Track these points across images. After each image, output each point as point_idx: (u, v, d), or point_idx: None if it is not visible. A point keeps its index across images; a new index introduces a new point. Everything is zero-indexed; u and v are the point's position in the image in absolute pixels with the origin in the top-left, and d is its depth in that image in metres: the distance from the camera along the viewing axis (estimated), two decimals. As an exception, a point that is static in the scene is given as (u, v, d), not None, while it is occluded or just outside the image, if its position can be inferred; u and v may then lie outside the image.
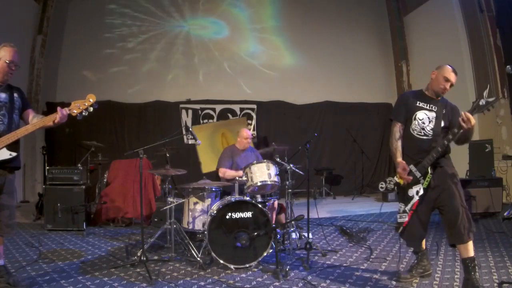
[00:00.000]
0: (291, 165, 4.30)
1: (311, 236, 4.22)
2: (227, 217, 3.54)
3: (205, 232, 3.52)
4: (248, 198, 3.74)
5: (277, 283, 3.07)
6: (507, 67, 2.84)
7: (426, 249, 3.12)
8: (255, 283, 3.11)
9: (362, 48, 9.77)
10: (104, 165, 6.42)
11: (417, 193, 2.81)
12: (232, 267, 3.42)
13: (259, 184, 3.80)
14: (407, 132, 2.95)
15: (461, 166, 2.96)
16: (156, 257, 3.85)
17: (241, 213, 3.57)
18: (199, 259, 3.51)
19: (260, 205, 3.63)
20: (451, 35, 7.93)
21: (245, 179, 3.88)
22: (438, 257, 3.60)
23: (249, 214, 3.58)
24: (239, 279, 3.21)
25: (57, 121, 2.77)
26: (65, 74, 8.41)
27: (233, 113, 8.77)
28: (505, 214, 5.21)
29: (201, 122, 8.55)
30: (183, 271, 3.41)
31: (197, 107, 8.64)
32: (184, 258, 3.79)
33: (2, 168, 2.82)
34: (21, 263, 3.64)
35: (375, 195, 8.62)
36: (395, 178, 2.93)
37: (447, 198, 2.74)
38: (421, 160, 2.80)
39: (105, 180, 6.05)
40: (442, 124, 2.86)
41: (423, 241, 3.08)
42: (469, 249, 2.69)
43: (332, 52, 9.52)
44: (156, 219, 5.32)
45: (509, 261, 3.41)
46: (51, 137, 7.86)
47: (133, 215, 5.56)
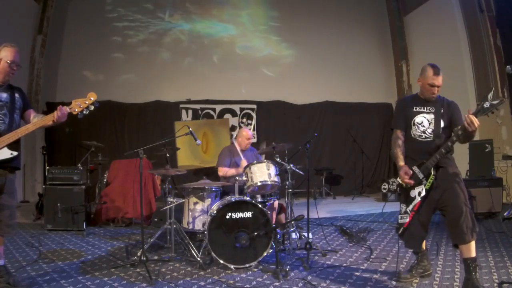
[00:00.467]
0: (291, 165, 4.30)
1: (311, 236, 4.22)
2: (227, 217, 3.54)
3: (205, 232, 3.52)
4: (248, 198, 3.74)
5: (277, 283, 3.07)
6: (507, 67, 2.84)
7: (426, 249, 3.12)
8: (255, 283, 3.11)
9: (362, 48, 9.76)
10: (104, 165, 6.42)
11: (419, 194, 2.82)
12: (232, 267, 3.42)
13: (259, 184, 3.79)
14: (409, 136, 2.98)
15: (461, 166, 2.97)
16: (156, 257, 3.85)
17: (241, 213, 3.57)
18: (199, 259, 3.51)
19: (260, 205, 3.63)
20: (451, 35, 7.93)
21: (245, 179, 3.88)
22: (438, 257, 3.60)
23: (249, 214, 3.58)
24: (239, 279, 3.21)
25: (56, 119, 2.76)
26: (65, 74, 8.42)
27: (233, 113, 8.77)
28: (505, 214, 5.20)
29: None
30: (183, 271, 3.41)
31: (197, 107, 8.64)
32: (184, 258, 3.79)
33: (2, 168, 2.82)
34: (21, 263, 3.64)
35: (375, 195, 8.62)
36: (398, 179, 2.94)
37: (450, 197, 2.74)
38: (424, 161, 2.82)
39: (105, 180, 6.05)
40: (442, 124, 2.87)
41: (423, 242, 3.08)
42: (471, 249, 2.70)
43: (332, 52, 9.52)
44: (156, 219, 5.32)
45: (509, 261, 3.41)
46: (51, 137, 7.86)
47: (133, 215, 5.56)
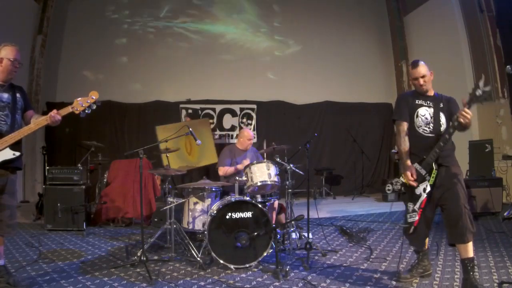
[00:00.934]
0: (291, 165, 4.30)
1: (311, 236, 4.22)
2: (227, 217, 3.54)
3: (205, 232, 3.53)
4: (248, 198, 3.74)
5: (277, 283, 3.07)
6: (507, 67, 2.85)
7: (427, 249, 3.12)
8: (255, 283, 3.11)
9: (362, 48, 9.76)
10: (104, 165, 6.42)
11: (424, 190, 2.80)
12: (232, 267, 3.43)
13: (259, 184, 3.80)
14: (412, 130, 2.96)
15: (461, 166, 2.96)
16: (156, 257, 3.85)
17: (241, 213, 3.57)
18: (199, 259, 3.51)
19: (260, 205, 3.63)
20: (451, 35, 7.92)
21: (245, 179, 3.89)
22: (438, 257, 3.60)
23: (249, 214, 3.58)
24: (239, 279, 3.22)
25: (50, 123, 2.80)
26: (65, 74, 8.42)
27: (233, 113, 8.77)
28: (505, 214, 5.20)
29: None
30: (183, 271, 3.41)
31: (197, 107, 8.63)
32: (184, 258, 3.79)
33: (4, 168, 2.82)
34: (21, 263, 3.64)
35: (375, 195, 8.62)
36: (401, 178, 2.93)
37: (451, 197, 2.74)
38: (425, 157, 2.80)
39: (105, 180, 6.05)
40: (443, 118, 2.86)
41: (427, 240, 3.08)
42: (469, 249, 2.70)
43: (332, 52, 9.51)
44: (156, 219, 5.32)
45: (509, 261, 3.41)
46: (51, 137, 7.86)
47: (133, 215, 5.56)
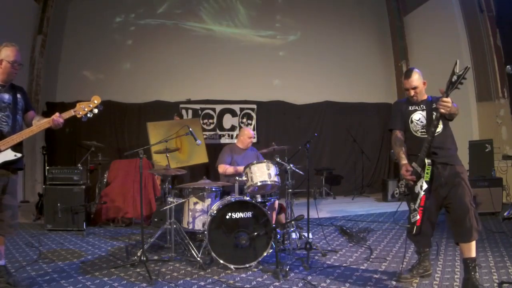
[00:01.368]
0: (291, 165, 4.30)
1: (311, 236, 4.23)
2: (227, 217, 3.54)
3: (205, 232, 3.53)
4: (248, 198, 3.74)
5: (277, 283, 3.07)
6: (507, 67, 2.85)
7: (429, 249, 3.11)
8: (255, 283, 3.11)
9: (362, 48, 9.76)
10: (104, 165, 6.42)
11: (421, 188, 2.80)
12: (232, 267, 3.43)
13: (259, 184, 3.80)
14: (409, 134, 2.99)
15: (461, 165, 2.97)
16: (156, 257, 3.85)
17: (241, 213, 3.57)
18: (199, 259, 3.51)
19: (260, 205, 3.63)
20: (451, 35, 7.92)
21: (245, 179, 3.88)
22: (438, 257, 3.60)
23: (249, 214, 3.58)
24: (239, 279, 3.22)
25: (52, 126, 2.81)
26: (65, 74, 8.42)
27: (233, 113, 8.76)
28: (505, 214, 5.21)
29: (201, 122, 8.55)
30: (183, 271, 3.41)
31: (197, 107, 8.63)
32: (184, 258, 3.79)
33: (5, 168, 2.81)
34: (21, 263, 3.64)
35: (375, 195, 8.62)
36: (404, 180, 2.95)
37: (457, 196, 2.75)
38: (419, 154, 2.81)
39: (105, 180, 6.05)
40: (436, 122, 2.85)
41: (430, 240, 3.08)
42: (472, 249, 2.71)
43: (332, 52, 9.51)
44: (156, 219, 5.31)
45: (509, 261, 3.41)
46: (51, 137, 7.86)
47: (133, 215, 5.56)
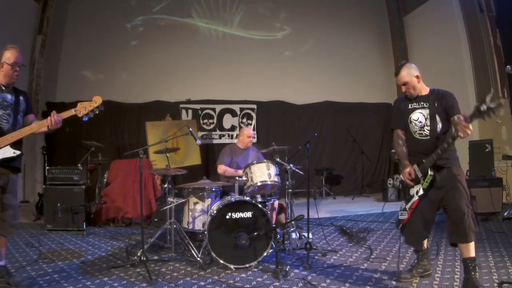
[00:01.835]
0: (291, 165, 4.30)
1: (311, 236, 4.23)
2: (227, 217, 3.54)
3: (205, 232, 3.53)
4: (248, 198, 3.74)
5: (277, 283, 3.07)
6: (507, 67, 2.85)
7: (427, 249, 3.13)
8: (255, 283, 3.11)
9: (362, 48, 9.75)
10: (104, 165, 6.42)
11: (417, 193, 2.85)
12: (232, 267, 3.43)
13: (259, 184, 3.80)
14: (409, 135, 3.00)
15: (461, 166, 2.97)
16: (156, 257, 3.85)
17: (241, 213, 3.57)
18: (199, 259, 3.51)
19: (260, 205, 3.63)
20: (451, 35, 7.92)
21: (245, 179, 3.88)
22: (438, 257, 3.60)
23: (249, 214, 3.58)
24: (239, 279, 3.22)
25: (50, 126, 2.81)
26: (65, 74, 8.41)
27: (233, 113, 8.76)
28: (505, 214, 5.21)
29: (201, 122, 8.55)
30: (183, 271, 3.41)
31: (197, 107, 8.63)
32: (184, 258, 3.79)
33: (4, 167, 2.83)
34: (21, 263, 3.64)
35: (375, 195, 8.62)
36: (401, 176, 2.98)
37: (454, 198, 2.75)
38: (424, 161, 2.82)
39: (105, 180, 6.06)
40: (438, 119, 2.82)
41: (425, 241, 3.09)
42: (471, 249, 2.71)
43: (332, 52, 9.51)
44: (156, 219, 5.31)
45: (509, 261, 3.41)
46: (51, 137, 7.84)
47: (133, 215, 5.57)
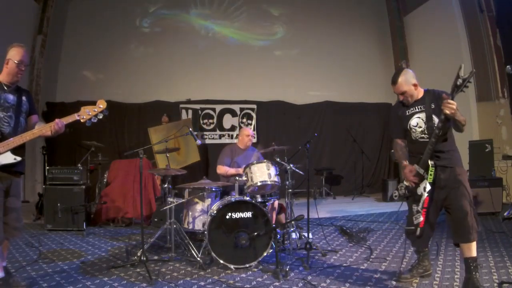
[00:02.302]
0: (291, 165, 4.30)
1: (311, 236, 4.23)
2: (227, 217, 3.54)
3: (205, 232, 3.53)
4: (248, 198, 3.74)
5: (277, 283, 3.07)
6: (507, 67, 2.84)
7: (428, 249, 3.12)
8: (255, 283, 3.11)
9: (362, 48, 9.75)
10: (104, 165, 6.42)
11: (425, 189, 2.79)
12: (232, 267, 3.43)
13: (259, 184, 3.79)
14: (410, 139, 3.00)
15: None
16: (156, 257, 3.85)
17: (241, 213, 3.57)
18: (199, 259, 3.51)
19: (260, 205, 3.63)
20: (451, 35, 7.92)
21: (245, 179, 3.88)
22: (438, 257, 3.60)
23: (249, 214, 3.58)
24: (239, 279, 3.22)
25: (53, 132, 2.81)
26: (65, 74, 8.41)
27: (233, 113, 8.77)
28: (505, 214, 5.21)
29: (201, 122, 8.55)
30: (183, 271, 3.41)
31: (197, 107, 8.63)
32: (184, 258, 3.79)
33: (6, 172, 2.77)
34: (21, 263, 3.64)
35: (375, 195, 8.63)
36: (404, 182, 2.95)
37: (456, 197, 2.75)
38: (421, 157, 2.81)
39: (105, 180, 6.06)
40: (436, 120, 2.81)
41: (429, 241, 3.09)
42: (473, 249, 2.71)
43: (332, 52, 9.51)
44: (156, 219, 5.32)
45: (509, 261, 3.41)
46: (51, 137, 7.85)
47: (133, 215, 5.57)
